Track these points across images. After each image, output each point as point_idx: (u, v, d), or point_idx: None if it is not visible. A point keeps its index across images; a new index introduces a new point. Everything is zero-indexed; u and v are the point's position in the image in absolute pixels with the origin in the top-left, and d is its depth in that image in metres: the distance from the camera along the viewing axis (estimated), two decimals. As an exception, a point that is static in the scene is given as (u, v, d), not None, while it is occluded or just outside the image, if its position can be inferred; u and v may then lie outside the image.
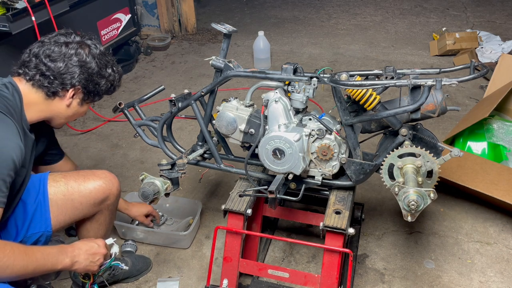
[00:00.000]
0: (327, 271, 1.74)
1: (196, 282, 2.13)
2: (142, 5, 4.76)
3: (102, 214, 1.83)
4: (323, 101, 3.48)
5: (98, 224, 1.85)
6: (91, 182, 1.73)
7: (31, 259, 1.42)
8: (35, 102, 1.58)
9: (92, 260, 1.61)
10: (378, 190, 2.62)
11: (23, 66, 1.57)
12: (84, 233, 1.87)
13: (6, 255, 1.35)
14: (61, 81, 1.57)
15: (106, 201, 1.79)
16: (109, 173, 1.80)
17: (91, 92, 1.65)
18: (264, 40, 4.07)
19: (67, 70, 1.57)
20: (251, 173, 1.92)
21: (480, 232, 2.36)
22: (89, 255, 1.60)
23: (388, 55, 4.37)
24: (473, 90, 3.63)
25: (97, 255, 1.62)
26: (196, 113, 1.89)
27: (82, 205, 1.72)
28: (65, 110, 1.64)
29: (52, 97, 1.59)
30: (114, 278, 2.07)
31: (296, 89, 1.76)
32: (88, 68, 1.60)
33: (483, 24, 4.92)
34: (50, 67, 1.55)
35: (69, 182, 1.71)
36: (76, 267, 1.57)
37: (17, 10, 2.83)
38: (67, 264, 1.53)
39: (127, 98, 3.70)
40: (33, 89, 1.57)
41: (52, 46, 1.57)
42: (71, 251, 1.56)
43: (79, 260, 1.57)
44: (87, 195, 1.72)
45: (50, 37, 1.61)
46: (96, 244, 1.63)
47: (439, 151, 1.73)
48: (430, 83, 1.51)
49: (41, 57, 1.55)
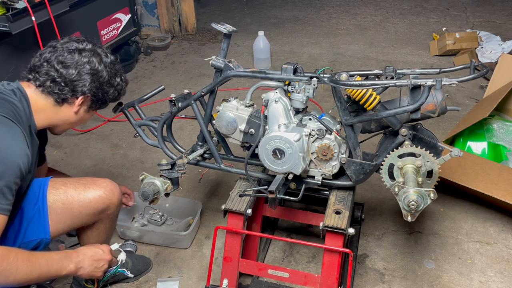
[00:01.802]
0: (327, 271, 1.74)
1: (196, 282, 2.13)
2: (142, 5, 4.76)
3: (102, 223, 1.81)
4: (323, 101, 3.47)
5: (98, 232, 1.84)
6: (91, 191, 1.68)
7: (35, 266, 1.40)
8: (43, 108, 1.58)
9: (97, 266, 1.60)
10: (378, 190, 2.62)
11: (33, 72, 1.56)
12: (84, 239, 1.86)
13: (10, 262, 1.34)
14: (72, 88, 1.57)
15: (106, 211, 1.75)
16: (110, 182, 1.74)
17: (99, 100, 1.66)
18: (264, 40, 4.07)
19: (79, 77, 1.56)
20: (251, 173, 1.92)
21: (480, 232, 2.36)
22: (93, 261, 1.59)
23: (388, 55, 4.37)
24: (473, 90, 3.63)
25: (101, 261, 1.61)
26: (196, 113, 1.89)
27: (82, 214, 1.69)
28: (72, 117, 1.64)
29: (61, 103, 1.59)
30: (114, 278, 2.07)
31: (296, 89, 1.76)
32: (99, 77, 1.60)
33: (483, 24, 4.92)
34: (62, 74, 1.54)
35: (69, 190, 1.67)
36: (81, 272, 1.56)
37: (17, 10, 2.83)
38: (72, 270, 1.52)
39: (127, 98, 3.64)
40: (42, 95, 1.56)
41: (65, 52, 1.56)
42: (76, 256, 1.55)
43: (84, 266, 1.56)
44: (86, 205, 1.67)
45: (62, 42, 1.59)
46: (101, 250, 1.62)
47: (439, 151, 1.73)
48: (430, 83, 1.51)
49: (53, 63, 1.54)
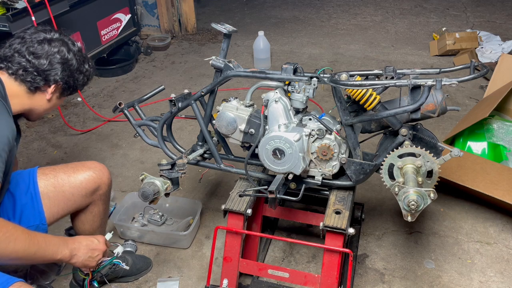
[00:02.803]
0: (327, 271, 1.74)
1: (196, 282, 2.13)
2: (142, 5, 4.76)
3: (96, 205, 1.86)
4: (323, 101, 3.48)
5: (92, 216, 1.88)
6: (81, 173, 1.77)
7: (33, 241, 1.43)
8: (17, 94, 1.60)
9: (91, 255, 1.62)
10: (378, 190, 2.62)
11: (5, 61, 1.59)
12: (79, 226, 1.89)
13: (9, 230, 1.37)
14: (44, 77, 1.60)
15: (98, 191, 1.82)
16: (98, 163, 1.84)
17: (71, 87, 1.70)
18: (264, 40, 4.07)
19: (51, 67, 1.60)
20: (251, 173, 1.92)
21: (480, 232, 2.36)
22: (88, 250, 1.61)
23: (388, 55, 4.37)
24: (473, 90, 3.63)
25: (96, 251, 1.64)
26: (196, 113, 1.89)
27: (74, 196, 1.75)
28: (45, 104, 1.68)
29: (34, 91, 1.62)
30: (114, 274, 2.06)
31: (296, 89, 1.76)
32: (70, 65, 1.64)
33: (483, 24, 4.92)
34: (34, 64, 1.58)
35: (59, 174, 1.75)
36: (75, 260, 1.58)
37: (17, 10, 2.84)
38: (66, 256, 1.54)
39: (127, 98, 3.70)
40: (16, 82, 1.59)
41: (35, 43, 1.59)
42: (72, 243, 1.58)
43: (78, 253, 1.58)
44: (77, 186, 1.75)
45: (30, 33, 1.62)
46: (97, 240, 1.65)
47: (439, 151, 1.73)
48: (430, 83, 1.51)
49: (24, 53, 1.58)
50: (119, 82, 4.01)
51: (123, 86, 3.95)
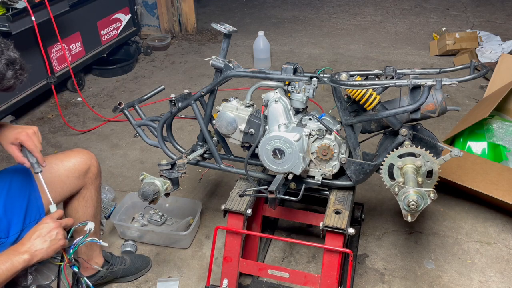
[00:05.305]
0: (327, 271, 1.74)
1: (196, 282, 2.13)
2: (142, 5, 4.76)
3: (87, 189, 1.88)
4: (323, 101, 3.48)
5: (85, 201, 1.88)
6: (72, 158, 1.83)
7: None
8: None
9: (52, 238, 1.46)
10: (378, 190, 2.62)
11: None
12: (73, 214, 1.88)
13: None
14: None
15: (89, 173, 1.85)
16: (84, 149, 1.92)
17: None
18: (264, 40, 4.07)
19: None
20: (251, 173, 1.92)
21: (480, 232, 2.36)
22: (43, 237, 1.45)
23: (388, 55, 4.37)
24: (473, 90, 3.63)
25: (52, 230, 1.47)
26: (196, 113, 1.89)
27: (69, 179, 1.79)
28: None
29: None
30: (112, 274, 2.06)
31: (296, 89, 1.76)
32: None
33: (483, 24, 4.92)
34: None
35: (52, 161, 1.78)
36: (41, 255, 1.44)
37: (17, 10, 2.84)
38: (27, 259, 1.41)
39: (127, 98, 3.70)
40: None
41: None
42: (21, 246, 1.44)
43: (37, 247, 1.43)
44: (71, 168, 1.80)
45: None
46: (44, 223, 1.49)
47: (439, 151, 1.73)
48: (430, 83, 1.51)
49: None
50: (119, 82, 4.01)
51: (123, 86, 3.95)
